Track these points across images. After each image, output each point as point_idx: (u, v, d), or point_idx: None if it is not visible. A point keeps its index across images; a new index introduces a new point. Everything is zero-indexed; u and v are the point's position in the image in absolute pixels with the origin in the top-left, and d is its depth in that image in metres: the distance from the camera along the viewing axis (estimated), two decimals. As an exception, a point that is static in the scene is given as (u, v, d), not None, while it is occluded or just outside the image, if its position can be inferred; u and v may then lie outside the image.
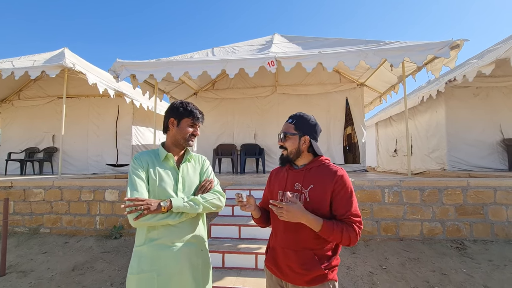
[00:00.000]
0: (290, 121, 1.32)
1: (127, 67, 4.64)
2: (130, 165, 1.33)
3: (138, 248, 1.27)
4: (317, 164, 1.28)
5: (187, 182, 1.38)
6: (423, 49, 4.02)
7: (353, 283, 2.75)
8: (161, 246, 1.24)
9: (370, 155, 9.53)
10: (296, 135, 1.29)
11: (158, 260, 1.23)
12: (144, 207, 1.17)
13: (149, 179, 1.30)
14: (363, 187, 3.82)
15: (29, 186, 4.41)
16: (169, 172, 1.35)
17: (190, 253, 1.29)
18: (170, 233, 1.26)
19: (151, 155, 1.38)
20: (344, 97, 6.96)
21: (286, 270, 1.21)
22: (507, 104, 5.81)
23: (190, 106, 1.40)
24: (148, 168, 1.32)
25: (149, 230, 1.26)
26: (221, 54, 5.21)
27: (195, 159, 1.49)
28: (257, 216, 1.39)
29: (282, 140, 1.31)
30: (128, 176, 1.30)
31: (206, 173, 1.49)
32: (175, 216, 1.25)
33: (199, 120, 1.42)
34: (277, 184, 1.35)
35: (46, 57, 5.92)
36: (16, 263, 3.33)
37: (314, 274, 1.16)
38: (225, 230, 3.19)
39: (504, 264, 2.97)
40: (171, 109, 1.41)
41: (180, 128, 1.38)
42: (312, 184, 1.22)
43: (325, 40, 5.47)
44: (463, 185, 3.69)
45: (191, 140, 1.41)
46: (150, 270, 1.21)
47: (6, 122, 7.49)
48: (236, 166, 6.66)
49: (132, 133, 7.05)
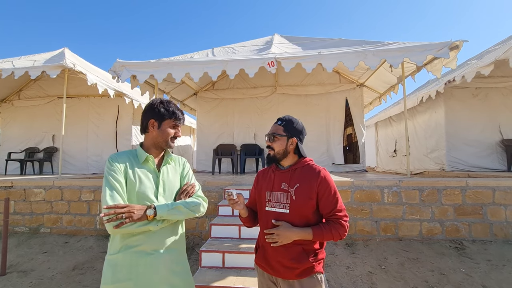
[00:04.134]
0: (280, 123, 1.36)
1: (128, 68, 4.65)
2: (106, 167, 1.22)
3: (113, 256, 1.18)
4: (302, 164, 1.34)
5: (167, 185, 1.31)
6: (423, 50, 4.03)
7: (352, 283, 2.76)
8: (139, 253, 1.16)
9: (370, 155, 9.54)
10: (284, 136, 1.33)
11: (135, 268, 1.15)
12: (126, 215, 1.09)
13: (127, 182, 1.21)
14: (363, 187, 3.83)
15: (30, 186, 4.42)
16: (149, 175, 1.27)
17: (171, 260, 1.23)
18: (150, 240, 1.19)
19: (129, 156, 1.29)
20: (344, 97, 6.98)
21: (277, 266, 1.27)
22: (506, 104, 5.83)
23: (171, 106, 1.32)
24: (126, 170, 1.22)
25: (126, 237, 1.17)
26: (221, 55, 5.22)
27: (175, 161, 1.42)
28: (245, 215, 1.43)
29: (270, 140, 1.35)
30: (104, 179, 1.19)
31: (187, 176, 1.42)
32: (157, 222, 1.18)
33: (181, 121, 1.35)
34: (265, 185, 1.39)
35: (46, 57, 5.92)
36: (16, 263, 3.34)
37: (303, 267, 1.23)
38: (225, 230, 3.19)
39: (503, 264, 2.99)
40: (151, 109, 1.31)
41: (161, 130, 1.30)
42: (297, 183, 1.28)
43: (325, 40, 5.48)
44: (462, 185, 3.70)
45: (173, 142, 1.34)
46: (127, 279, 1.13)
47: (6, 122, 7.49)
48: (236, 166, 6.67)
49: (132, 133, 7.06)
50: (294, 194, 1.26)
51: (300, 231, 1.22)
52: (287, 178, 1.32)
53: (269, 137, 1.35)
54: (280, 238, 1.22)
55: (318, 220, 1.29)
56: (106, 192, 1.14)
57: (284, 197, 1.28)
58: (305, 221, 1.26)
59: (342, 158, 6.84)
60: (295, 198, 1.25)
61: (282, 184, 1.31)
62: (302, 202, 1.25)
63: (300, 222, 1.25)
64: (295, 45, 5.50)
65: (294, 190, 1.27)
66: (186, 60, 4.80)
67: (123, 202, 1.15)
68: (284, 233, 1.22)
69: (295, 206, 1.25)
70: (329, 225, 1.23)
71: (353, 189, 3.82)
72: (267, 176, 1.41)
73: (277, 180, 1.34)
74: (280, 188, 1.31)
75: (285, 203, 1.27)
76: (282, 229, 1.22)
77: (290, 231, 1.22)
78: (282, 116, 1.40)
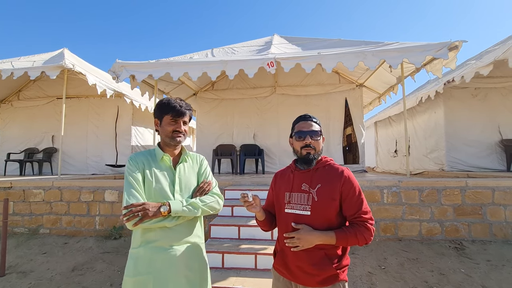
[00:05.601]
0: (315, 120, 1.31)
1: (127, 68, 4.65)
2: (126, 166, 1.29)
3: (135, 250, 1.24)
4: (323, 164, 1.29)
5: (184, 182, 1.35)
6: (422, 50, 4.03)
7: (352, 283, 2.76)
8: (158, 248, 1.22)
9: (369, 156, 9.55)
10: (321, 134, 1.30)
11: (154, 262, 1.20)
12: (142, 213, 1.14)
13: (145, 180, 1.27)
14: (362, 187, 3.82)
15: (29, 186, 4.42)
16: (165, 173, 1.32)
17: (187, 255, 1.27)
18: (167, 235, 1.23)
19: (147, 155, 1.34)
20: (343, 98, 6.98)
21: (297, 272, 1.20)
22: (506, 104, 5.84)
23: (169, 101, 1.31)
24: (144, 169, 1.28)
25: (145, 232, 1.22)
26: (220, 55, 5.22)
27: (193, 158, 1.45)
28: (262, 218, 1.36)
29: (312, 138, 1.26)
30: (124, 178, 1.26)
31: (204, 174, 1.45)
32: (172, 219, 1.22)
33: (181, 114, 1.31)
34: (283, 186, 1.33)
35: (45, 58, 5.92)
36: (15, 264, 3.34)
37: (326, 274, 1.15)
38: (225, 230, 3.19)
39: (502, 264, 2.99)
40: (154, 109, 1.38)
41: (162, 127, 1.33)
42: (319, 183, 1.23)
43: (324, 41, 5.49)
44: (461, 185, 3.70)
45: (177, 137, 1.33)
46: (147, 273, 1.19)
47: (6, 123, 7.48)
48: (236, 166, 6.66)
49: (132, 134, 7.06)
50: (316, 195, 1.20)
51: (322, 234, 1.15)
52: (308, 178, 1.25)
53: (310, 135, 1.26)
54: (301, 242, 1.15)
55: (340, 223, 1.22)
56: (125, 194, 1.21)
57: (305, 199, 1.22)
58: (327, 224, 1.19)
59: (341, 159, 6.84)
60: (317, 199, 1.19)
61: (303, 185, 1.25)
62: (325, 204, 1.18)
63: (322, 224, 1.18)
64: (295, 45, 5.51)
65: (316, 191, 1.21)
66: (186, 60, 4.80)
67: (142, 199, 1.21)
68: (305, 237, 1.15)
69: (317, 207, 1.19)
70: (354, 228, 1.15)
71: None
72: (286, 177, 1.35)
73: (297, 181, 1.28)
74: (300, 189, 1.25)
75: (306, 205, 1.21)
76: (303, 233, 1.16)
77: (312, 235, 1.15)
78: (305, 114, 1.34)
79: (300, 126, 1.30)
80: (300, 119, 1.33)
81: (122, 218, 1.15)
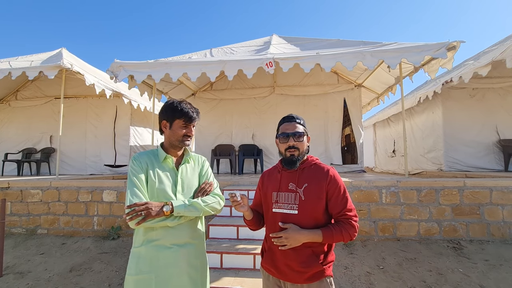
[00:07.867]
0: (298, 120, 1.32)
1: (125, 68, 4.63)
2: (129, 166, 1.32)
3: (137, 249, 1.26)
4: (309, 164, 1.31)
5: (186, 183, 1.37)
6: (420, 51, 4.04)
7: (351, 283, 2.76)
8: (159, 247, 1.23)
9: (368, 156, 9.57)
10: (305, 134, 1.30)
11: (156, 261, 1.22)
12: (145, 212, 1.16)
13: (148, 180, 1.29)
14: (361, 187, 3.84)
15: (26, 186, 4.39)
16: (168, 174, 1.34)
17: (188, 254, 1.29)
18: (169, 234, 1.25)
19: (150, 155, 1.37)
20: (342, 98, 6.99)
21: (286, 270, 1.22)
22: (503, 105, 5.86)
23: (182, 105, 1.34)
24: (147, 169, 1.30)
25: (147, 231, 1.25)
26: (219, 55, 5.22)
27: (195, 159, 1.48)
28: (249, 217, 1.39)
29: (295, 139, 1.27)
30: (128, 178, 1.29)
31: (206, 175, 1.47)
32: (174, 218, 1.24)
33: (193, 119, 1.36)
34: (271, 186, 1.35)
35: (43, 58, 5.89)
36: (13, 264, 3.32)
37: (313, 270, 1.19)
38: (223, 230, 3.19)
39: (500, 264, 3.00)
40: (162, 110, 1.37)
41: (173, 130, 1.34)
42: (306, 183, 1.25)
43: (323, 41, 5.49)
44: (459, 185, 3.71)
45: (187, 141, 1.37)
46: (149, 272, 1.21)
47: (3, 123, 7.44)
48: (234, 166, 6.66)
49: (130, 134, 7.04)
50: (303, 194, 1.23)
51: (309, 233, 1.18)
52: (295, 178, 1.28)
53: (293, 137, 1.27)
54: (289, 241, 1.17)
55: (327, 221, 1.25)
56: (128, 193, 1.23)
57: (292, 198, 1.24)
58: (314, 222, 1.22)
59: (340, 159, 6.85)
60: (304, 198, 1.22)
61: (290, 185, 1.27)
62: (312, 202, 1.21)
63: (310, 223, 1.21)
64: (293, 45, 5.51)
65: (302, 190, 1.23)
66: (184, 60, 4.79)
67: (145, 198, 1.23)
68: (293, 236, 1.17)
69: (304, 206, 1.21)
70: (339, 225, 1.19)
71: (351, 190, 3.82)
72: (273, 177, 1.37)
73: (284, 180, 1.30)
74: (287, 189, 1.27)
75: (294, 204, 1.23)
76: (290, 232, 1.18)
77: (299, 234, 1.17)
78: (289, 114, 1.35)
79: (284, 128, 1.32)
80: (284, 120, 1.35)
81: (125, 217, 1.17)
